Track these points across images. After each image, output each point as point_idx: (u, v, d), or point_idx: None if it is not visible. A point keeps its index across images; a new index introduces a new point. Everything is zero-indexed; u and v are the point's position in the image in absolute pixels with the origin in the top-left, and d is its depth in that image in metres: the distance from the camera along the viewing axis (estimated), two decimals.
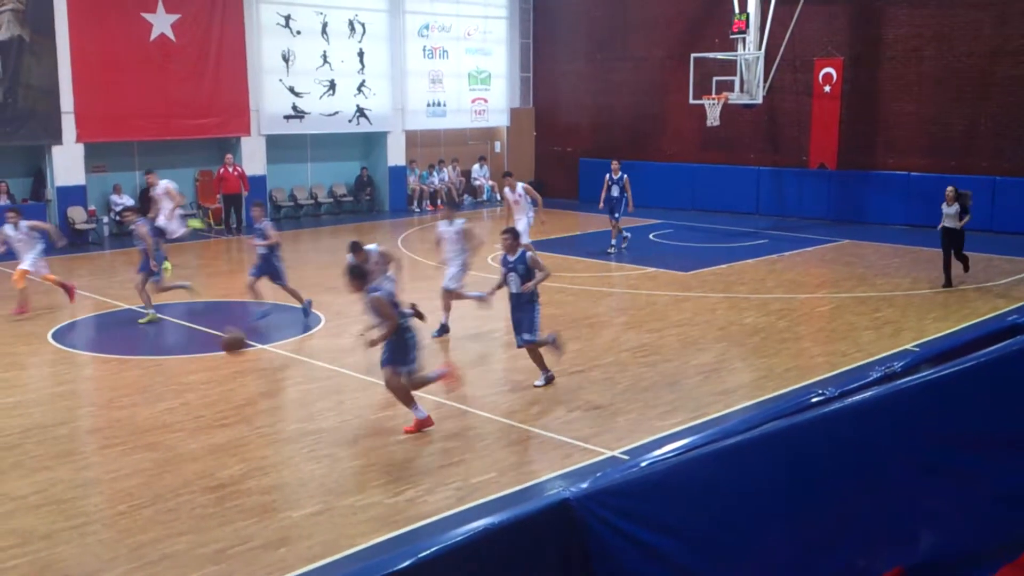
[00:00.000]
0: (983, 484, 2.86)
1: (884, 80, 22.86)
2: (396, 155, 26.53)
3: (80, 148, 20.74)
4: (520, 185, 16.39)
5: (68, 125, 20.42)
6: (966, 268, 15.99)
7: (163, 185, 17.56)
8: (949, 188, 15.69)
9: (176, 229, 17.27)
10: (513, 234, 10.63)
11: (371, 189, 26.33)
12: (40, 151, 20.61)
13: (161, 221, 16.70)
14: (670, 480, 3.12)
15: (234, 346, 10.05)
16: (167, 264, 15.02)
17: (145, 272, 13.58)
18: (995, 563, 2.89)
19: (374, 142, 26.46)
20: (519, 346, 10.60)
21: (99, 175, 21.55)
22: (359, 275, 9.21)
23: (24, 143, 20.26)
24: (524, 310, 10.37)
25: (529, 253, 10.50)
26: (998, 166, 21.44)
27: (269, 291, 14.24)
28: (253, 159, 23.51)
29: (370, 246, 11.53)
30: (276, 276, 13.80)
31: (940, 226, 15.70)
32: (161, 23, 21.62)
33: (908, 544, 2.99)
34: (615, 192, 19.12)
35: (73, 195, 20.73)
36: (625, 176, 19.17)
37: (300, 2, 24.02)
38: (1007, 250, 18.97)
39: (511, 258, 10.40)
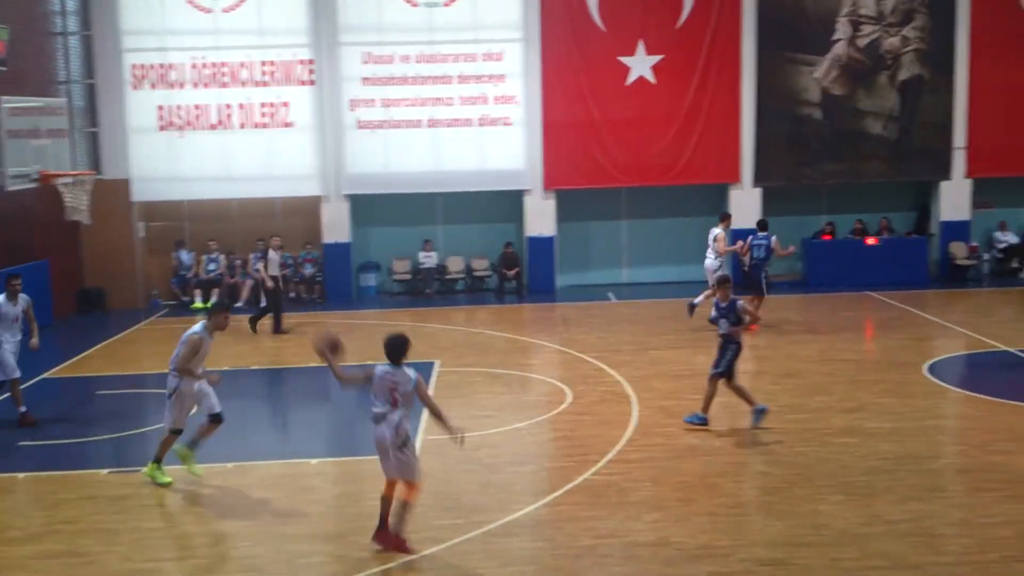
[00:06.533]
0: None
1: None
2: None
3: (968, 184, 20.82)
4: None
5: (958, 161, 20.68)
6: None
7: None
8: None
9: None
10: (727, 282, 11.47)
11: None
12: (927, 187, 21.28)
13: None
14: None
15: (328, 347, 8.04)
16: None
17: None
18: None
19: None
20: (710, 377, 11.05)
21: (985, 211, 21.30)
22: None
23: (912, 179, 21.14)
24: (726, 350, 10.99)
25: (740, 302, 11.17)
26: None
27: None
28: None
29: None
30: None
31: None
32: None
33: None
34: None
35: (957, 230, 20.91)
36: None
37: None
38: None
39: (722, 304, 11.13)
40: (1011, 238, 20.96)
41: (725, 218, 17.35)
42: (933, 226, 21.19)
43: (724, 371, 11.03)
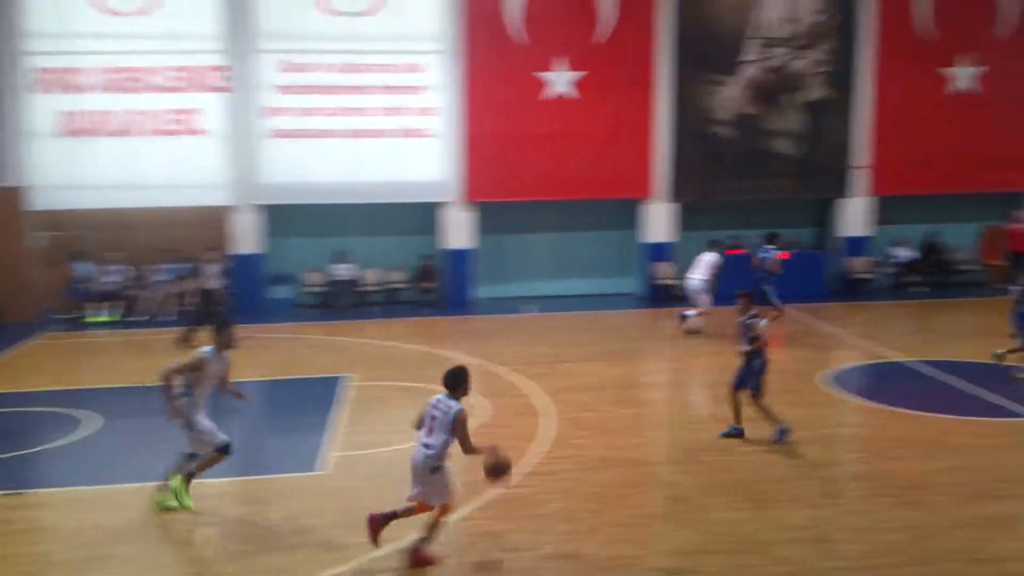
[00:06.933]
0: None
1: None
2: None
3: (868, 201, 21.60)
4: None
5: (860, 179, 21.45)
6: None
7: None
8: None
9: None
10: (748, 296, 11.17)
11: None
12: (831, 203, 21.98)
13: None
14: None
15: (498, 472, 8.08)
16: None
17: None
18: None
19: None
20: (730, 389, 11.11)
21: (886, 227, 22.03)
22: None
23: (816, 196, 21.84)
24: (750, 365, 10.95)
25: (756, 319, 10.97)
26: None
27: None
28: None
29: None
30: None
31: None
32: (961, 75, 21.40)
33: None
34: None
35: (857, 245, 21.67)
36: None
37: None
38: None
39: (740, 318, 11.05)
40: (908, 253, 21.82)
41: (715, 244, 17.97)
42: (832, 241, 21.95)
43: (752, 386, 10.90)
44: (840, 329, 17.64)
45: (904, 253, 21.93)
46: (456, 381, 7.93)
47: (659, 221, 21.03)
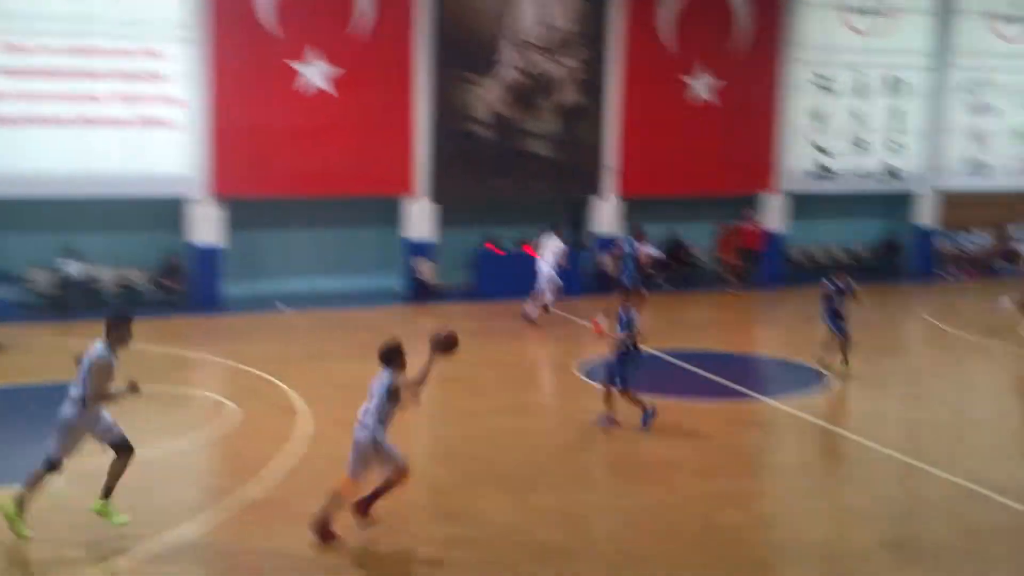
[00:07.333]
0: None
1: None
2: (928, 216, 25.09)
3: (617, 201, 22.62)
4: None
5: (610, 181, 22.43)
6: None
7: None
8: None
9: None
10: (623, 291, 11.96)
11: (896, 250, 25.11)
12: (584, 203, 22.85)
13: None
14: None
15: (444, 346, 8.66)
16: None
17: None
18: None
19: (902, 202, 25.26)
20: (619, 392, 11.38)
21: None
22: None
23: (569, 196, 22.61)
24: (620, 359, 11.28)
25: (633, 312, 11.36)
26: None
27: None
28: (775, 215, 23.77)
29: None
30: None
31: None
32: (700, 86, 22.89)
33: None
34: None
35: (608, 244, 22.61)
36: None
37: (837, 61, 23.88)
38: None
39: (617, 311, 11.47)
40: (654, 251, 22.99)
41: (557, 229, 19.32)
42: (587, 239, 22.78)
43: (621, 377, 11.21)
44: (584, 321, 18.28)
45: (650, 251, 23.08)
46: (392, 355, 8.35)
47: (421, 219, 20.98)
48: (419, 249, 21.05)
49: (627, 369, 11.35)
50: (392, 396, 8.19)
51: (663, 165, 22.66)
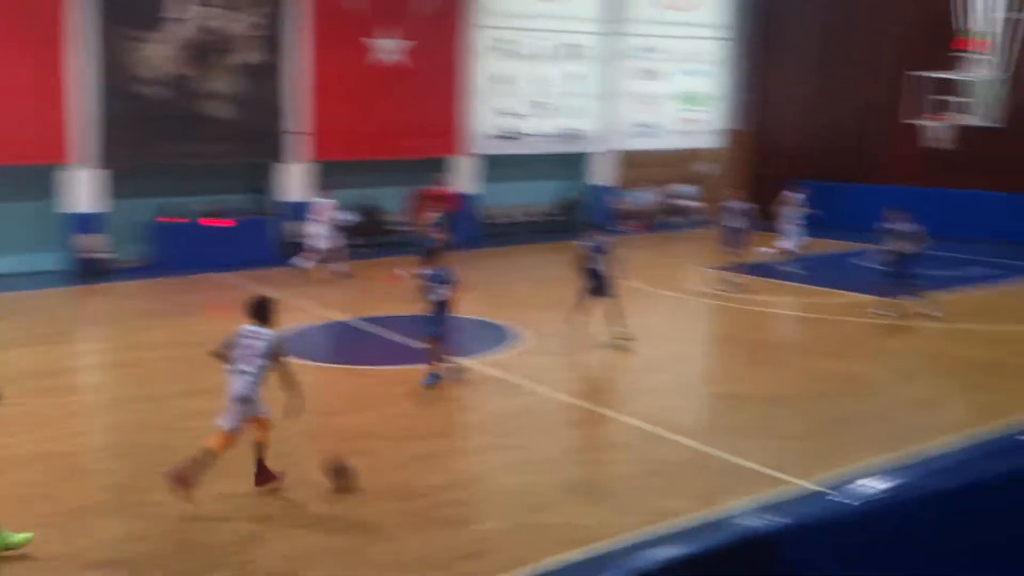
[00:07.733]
0: None
1: None
2: (604, 175, 26.69)
3: (307, 166, 21.94)
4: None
5: (300, 145, 21.69)
6: None
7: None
8: None
9: None
10: (427, 251, 12.29)
11: (576, 208, 26.52)
12: (268, 168, 21.95)
13: None
14: (883, 520, 2.87)
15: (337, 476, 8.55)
16: None
17: None
18: None
19: (583, 162, 26.69)
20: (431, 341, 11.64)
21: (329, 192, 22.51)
22: None
23: (253, 160, 21.65)
24: (437, 316, 11.58)
25: (448, 270, 11.65)
26: None
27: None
28: (466, 178, 24.20)
29: None
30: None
31: None
32: (387, 48, 22.66)
33: None
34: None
35: (298, 211, 21.87)
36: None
37: (518, 26, 24.59)
38: None
39: (428, 271, 11.67)
40: (350, 217, 22.55)
41: (327, 189, 19.71)
42: (273, 206, 21.88)
43: (438, 331, 11.46)
44: (287, 293, 17.64)
45: (346, 216, 22.62)
46: (263, 310, 8.31)
47: (84, 189, 19.11)
48: (83, 222, 19.21)
49: (443, 323, 11.58)
50: (272, 356, 8.17)
51: (352, 129, 22.27)
